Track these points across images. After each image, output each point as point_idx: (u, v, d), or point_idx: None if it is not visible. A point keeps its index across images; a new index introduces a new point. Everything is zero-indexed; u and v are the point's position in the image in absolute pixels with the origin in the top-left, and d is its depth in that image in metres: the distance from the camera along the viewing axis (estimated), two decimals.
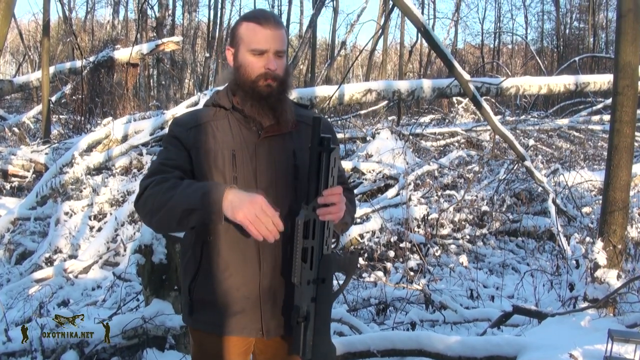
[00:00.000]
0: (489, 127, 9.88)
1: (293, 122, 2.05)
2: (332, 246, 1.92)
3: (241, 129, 2.01)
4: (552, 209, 6.82)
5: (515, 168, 8.42)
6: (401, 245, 6.48)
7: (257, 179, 1.96)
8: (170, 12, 23.33)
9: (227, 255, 1.98)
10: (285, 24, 29.59)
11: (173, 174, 1.93)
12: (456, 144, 11.76)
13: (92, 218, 7.29)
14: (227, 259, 1.98)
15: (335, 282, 2.09)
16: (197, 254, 2.02)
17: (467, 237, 7.20)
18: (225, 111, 2.04)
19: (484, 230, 7.38)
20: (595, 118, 13.99)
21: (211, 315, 2.02)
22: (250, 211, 1.74)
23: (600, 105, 14.02)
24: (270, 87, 1.96)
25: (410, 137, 10.58)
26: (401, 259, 6.34)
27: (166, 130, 9.19)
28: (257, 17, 1.98)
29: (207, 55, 26.94)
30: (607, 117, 12.48)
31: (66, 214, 7.19)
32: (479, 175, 8.90)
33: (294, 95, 2.14)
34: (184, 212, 1.81)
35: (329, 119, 7.83)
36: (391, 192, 7.61)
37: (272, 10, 2.93)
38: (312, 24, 14.45)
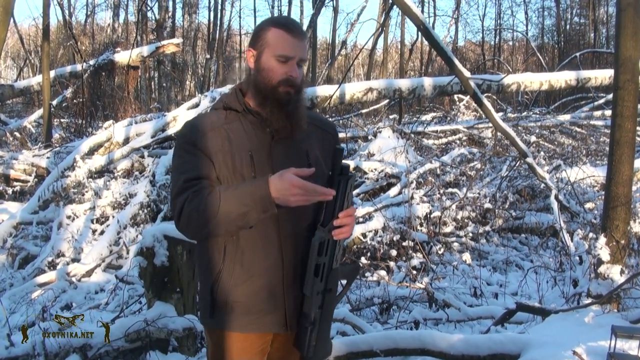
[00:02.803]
0: (490, 125, 9.87)
1: (306, 125, 2.11)
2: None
3: (255, 131, 2.04)
4: (555, 205, 6.79)
5: (517, 165, 8.39)
6: (404, 243, 6.47)
7: None
8: (170, 14, 23.32)
9: (250, 255, 2.03)
10: None
11: (201, 185, 1.97)
12: (458, 142, 11.72)
13: (95, 221, 7.30)
14: (251, 258, 2.03)
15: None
16: (220, 254, 2.06)
17: (470, 234, 7.18)
18: (237, 114, 2.07)
19: (487, 228, 7.36)
20: (597, 113, 13.94)
21: (235, 315, 2.06)
22: (295, 197, 1.85)
23: (601, 101, 13.97)
24: (289, 94, 2.00)
25: (412, 135, 10.56)
26: (404, 258, 6.33)
27: (167, 132, 9.20)
28: (286, 24, 2.02)
29: (208, 56, 26.95)
30: (608, 112, 12.42)
31: (68, 217, 7.20)
32: (481, 172, 8.88)
33: None
34: (239, 215, 1.90)
35: (330, 119, 7.81)
36: (393, 191, 7.59)
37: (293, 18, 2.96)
38: (312, 24, 14.47)
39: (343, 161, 1.99)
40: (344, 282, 2.14)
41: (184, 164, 2.03)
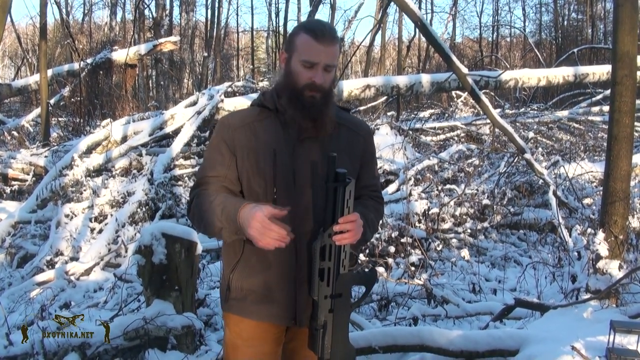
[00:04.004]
0: (488, 121, 9.86)
1: (333, 126, 2.16)
2: (352, 265, 2.11)
3: (283, 130, 2.11)
4: (553, 201, 6.80)
5: (515, 161, 8.39)
6: (402, 240, 6.46)
7: (295, 179, 2.08)
8: (167, 12, 23.30)
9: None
10: (282, 22, 29.48)
11: (213, 187, 2.12)
12: (456, 138, 11.73)
13: (93, 220, 7.27)
14: (266, 251, 2.06)
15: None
16: (239, 245, 2.15)
17: (469, 231, 7.18)
18: (269, 112, 2.15)
19: (485, 224, 7.36)
20: (595, 109, 13.95)
21: (247, 302, 2.17)
22: (255, 227, 1.93)
23: (599, 96, 13.98)
24: (314, 98, 2.06)
25: (410, 132, 10.56)
26: (402, 255, 6.33)
27: (165, 130, 9.20)
28: (314, 30, 2.06)
29: (206, 54, 26.88)
30: (606, 108, 12.43)
31: (67, 216, 7.18)
32: (479, 168, 8.88)
33: None
34: (216, 228, 2.04)
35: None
36: (392, 188, 7.59)
37: (329, 23, 2.94)
38: None
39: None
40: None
41: (207, 159, 2.18)
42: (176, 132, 8.96)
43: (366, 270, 2.13)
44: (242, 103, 9.39)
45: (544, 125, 13.09)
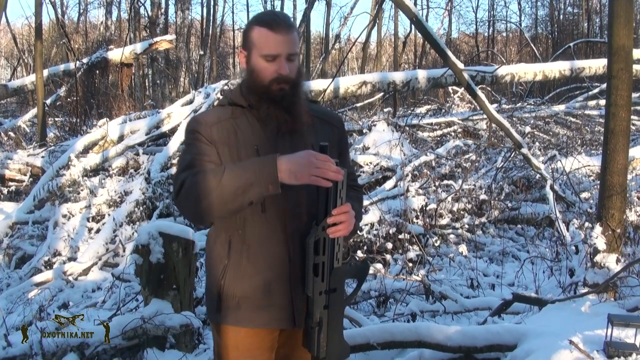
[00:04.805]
0: (485, 116, 9.87)
1: (309, 116, 2.12)
2: (344, 258, 2.05)
3: (261, 126, 2.05)
4: (551, 196, 6.80)
5: (512, 156, 8.39)
6: (400, 236, 6.46)
7: None
8: (162, 10, 23.25)
9: (256, 250, 2.03)
10: None
11: (206, 166, 1.97)
12: (453, 134, 11.74)
13: (90, 220, 7.27)
14: (257, 253, 2.03)
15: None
16: (225, 249, 2.07)
17: (466, 226, 7.18)
18: (242, 109, 2.08)
19: (483, 219, 7.36)
20: (592, 103, 13.97)
21: (243, 310, 2.06)
22: (311, 170, 1.82)
23: (596, 90, 14.00)
24: (283, 90, 2.01)
25: (407, 128, 10.56)
26: (400, 251, 6.33)
27: (162, 129, 9.19)
28: (268, 21, 2.00)
29: (202, 52, 26.84)
30: (603, 102, 12.45)
31: (64, 216, 7.18)
32: (477, 164, 8.87)
33: None
34: (239, 189, 1.85)
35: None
36: (389, 184, 7.59)
37: (282, 12, 2.90)
38: (306, 18, 14.45)
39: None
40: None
41: (192, 148, 2.03)
42: (173, 130, 8.94)
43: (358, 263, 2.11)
44: None
45: (540, 119, 13.11)
